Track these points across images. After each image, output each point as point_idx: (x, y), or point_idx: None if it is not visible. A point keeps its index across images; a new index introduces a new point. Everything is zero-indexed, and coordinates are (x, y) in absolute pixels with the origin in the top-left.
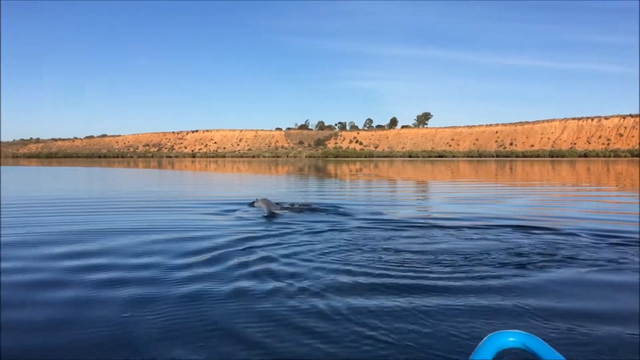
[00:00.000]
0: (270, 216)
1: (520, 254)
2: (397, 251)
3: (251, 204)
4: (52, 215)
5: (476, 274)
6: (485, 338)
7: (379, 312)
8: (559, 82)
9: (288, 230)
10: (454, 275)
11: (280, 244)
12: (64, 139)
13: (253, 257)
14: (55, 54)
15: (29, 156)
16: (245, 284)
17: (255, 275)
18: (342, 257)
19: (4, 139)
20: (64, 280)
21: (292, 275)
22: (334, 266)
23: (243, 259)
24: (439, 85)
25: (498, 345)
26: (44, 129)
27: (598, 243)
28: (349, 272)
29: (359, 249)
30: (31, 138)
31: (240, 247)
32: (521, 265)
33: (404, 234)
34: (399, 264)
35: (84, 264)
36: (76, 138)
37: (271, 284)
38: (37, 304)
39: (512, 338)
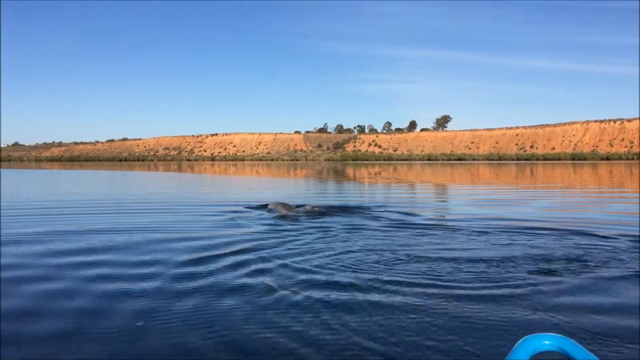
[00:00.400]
0: (285, 218)
1: (550, 259)
2: (419, 256)
3: (266, 207)
4: (78, 217)
5: (505, 281)
6: (520, 341)
7: (403, 323)
8: (581, 84)
9: (301, 233)
10: (481, 282)
11: (293, 247)
12: (85, 143)
13: (265, 260)
14: (76, 59)
15: (52, 159)
16: (255, 288)
17: (265, 279)
18: (360, 261)
19: (27, 142)
20: (77, 288)
21: (310, 281)
22: (351, 270)
23: (258, 263)
24: (459, 88)
25: (533, 348)
26: (66, 132)
27: (635, 247)
28: (368, 279)
29: (379, 253)
30: (54, 142)
31: (253, 251)
32: (551, 272)
33: (426, 237)
34: (422, 272)
35: (85, 261)
36: (98, 142)
37: (286, 289)
38: (64, 311)
39: (547, 341)
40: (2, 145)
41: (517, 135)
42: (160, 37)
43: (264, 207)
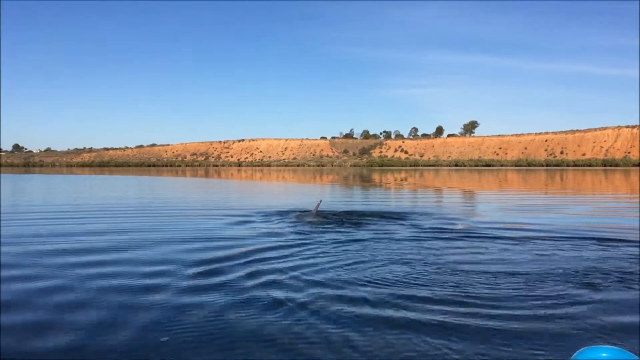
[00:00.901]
0: (311, 222)
1: (591, 270)
2: (452, 269)
3: (295, 214)
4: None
5: (545, 293)
6: (575, 354)
7: (435, 341)
8: (612, 89)
9: (326, 240)
10: (519, 296)
11: (319, 254)
12: (115, 148)
13: (291, 264)
14: (107, 66)
15: (82, 165)
16: (281, 293)
17: (293, 285)
18: (390, 270)
19: (59, 148)
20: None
21: (338, 293)
22: (379, 281)
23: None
24: (486, 93)
25: None
26: (97, 138)
27: None
28: (398, 290)
29: (408, 263)
30: (85, 147)
31: (278, 256)
32: (592, 285)
33: (455, 246)
34: (456, 284)
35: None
36: (127, 147)
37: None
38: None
39: (605, 354)
40: (34, 151)
41: (546, 140)
42: (189, 45)
43: (294, 214)
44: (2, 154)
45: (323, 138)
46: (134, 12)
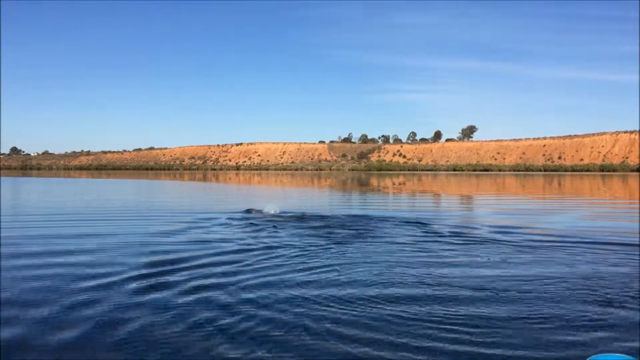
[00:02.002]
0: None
1: (602, 278)
2: (461, 275)
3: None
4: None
5: (565, 308)
6: None
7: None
8: (610, 94)
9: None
10: (537, 312)
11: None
12: (113, 152)
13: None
14: (104, 68)
15: (80, 168)
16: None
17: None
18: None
19: (57, 151)
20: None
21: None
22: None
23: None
24: (485, 98)
25: None
26: (95, 141)
27: None
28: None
29: (409, 268)
30: (82, 150)
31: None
32: (609, 302)
33: (472, 252)
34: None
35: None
36: (125, 151)
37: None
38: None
39: None
40: (32, 154)
41: (544, 146)
42: (186, 48)
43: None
44: (1, 156)
45: (321, 142)
46: (132, 14)
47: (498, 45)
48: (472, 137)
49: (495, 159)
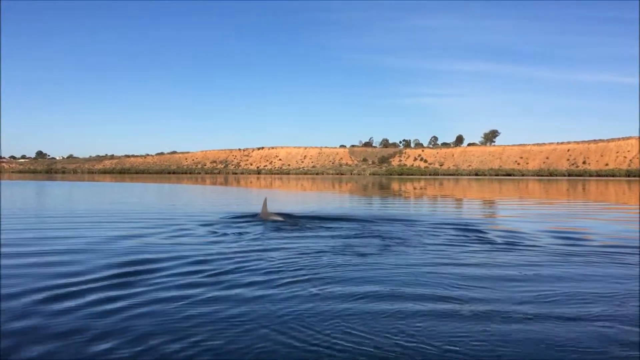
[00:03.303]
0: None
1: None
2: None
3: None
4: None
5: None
6: None
7: None
8: (636, 98)
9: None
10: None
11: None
12: (136, 156)
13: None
14: (129, 73)
15: (104, 172)
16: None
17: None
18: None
19: (81, 155)
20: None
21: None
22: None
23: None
24: (507, 102)
25: None
26: (119, 145)
27: None
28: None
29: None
30: (106, 154)
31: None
32: None
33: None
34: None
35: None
36: (148, 155)
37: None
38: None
39: None
40: (57, 158)
41: (568, 150)
42: (208, 53)
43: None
44: (25, 160)
45: (342, 146)
46: (154, 18)
47: (521, 48)
48: (494, 142)
49: (518, 164)
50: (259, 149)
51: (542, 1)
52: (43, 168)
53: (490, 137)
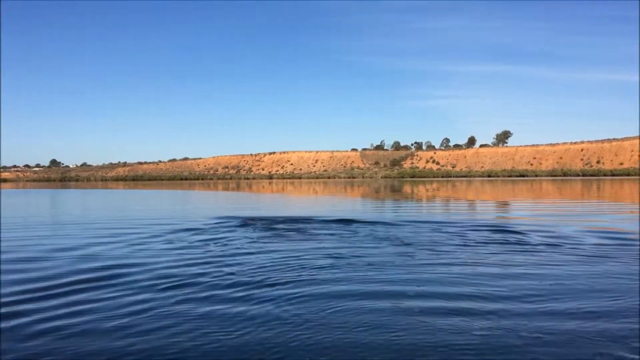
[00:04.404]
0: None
1: None
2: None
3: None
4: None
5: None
6: None
7: None
8: None
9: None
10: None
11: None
12: (149, 162)
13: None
14: (138, 81)
15: (117, 179)
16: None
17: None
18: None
19: (95, 163)
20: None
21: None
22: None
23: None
24: (519, 102)
25: None
26: (131, 153)
27: None
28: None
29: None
30: (119, 162)
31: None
32: None
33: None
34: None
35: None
36: (160, 161)
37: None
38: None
39: None
40: (71, 166)
41: (582, 150)
42: (218, 58)
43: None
44: (40, 168)
45: (354, 150)
46: (166, 25)
47: (531, 48)
48: (507, 143)
49: (532, 164)
50: (270, 153)
51: (554, 1)
52: (57, 176)
53: (503, 138)
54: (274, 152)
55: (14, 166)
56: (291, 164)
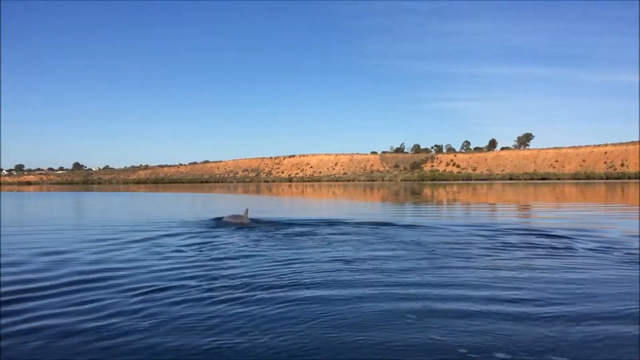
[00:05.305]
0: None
1: None
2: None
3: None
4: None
5: None
6: None
7: None
8: None
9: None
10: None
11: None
12: (170, 166)
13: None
14: (159, 85)
15: (138, 182)
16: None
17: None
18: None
19: (117, 165)
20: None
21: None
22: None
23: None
24: (541, 105)
25: None
26: (153, 156)
27: None
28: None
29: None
30: (140, 165)
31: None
32: None
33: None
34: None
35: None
36: (181, 164)
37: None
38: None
39: None
40: (93, 169)
41: (605, 153)
42: (239, 62)
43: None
44: (63, 172)
45: (373, 153)
46: (187, 27)
47: (552, 50)
48: (528, 145)
49: (554, 167)
50: (290, 156)
51: (575, 2)
52: (80, 179)
53: (524, 140)
54: (294, 155)
55: (38, 169)
56: (311, 167)
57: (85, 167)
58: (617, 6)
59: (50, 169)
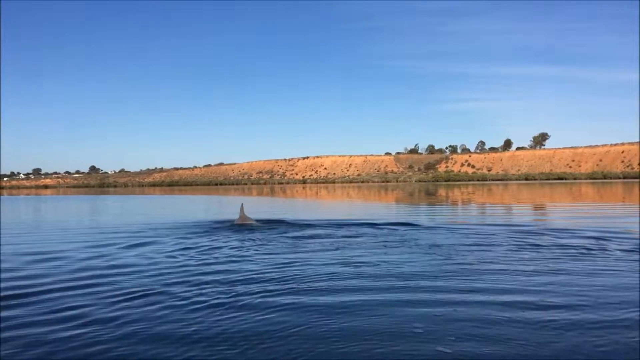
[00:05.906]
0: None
1: None
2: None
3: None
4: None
5: None
6: None
7: None
8: None
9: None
10: None
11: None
12: (184, 168)
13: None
14: (174, 89)
15: (153, 185)
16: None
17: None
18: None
19: (132, 169)
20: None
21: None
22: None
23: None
24: (556, 104)
25: None
26: (168, 158)
27: None
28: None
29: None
30: (156, 168)
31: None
32: None
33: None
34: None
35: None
36: (196, 167)
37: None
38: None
39: None
40: (109, 172)
41: (622, 152)
42: (252, 64)
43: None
44: (79, 175)
45: (387, 154)
46: (201, 29)
47: (568, 50)
48: (544, 145)
49: (570, 167)
50: (304, 158)
51: (590, 1)
52: (96, 182)
53: (540, 140)
54: (308, 157)
55: (55, 173)
56: (325, 169)
57: (101, 170)
58: (631, 6)
59: (67, 172)
